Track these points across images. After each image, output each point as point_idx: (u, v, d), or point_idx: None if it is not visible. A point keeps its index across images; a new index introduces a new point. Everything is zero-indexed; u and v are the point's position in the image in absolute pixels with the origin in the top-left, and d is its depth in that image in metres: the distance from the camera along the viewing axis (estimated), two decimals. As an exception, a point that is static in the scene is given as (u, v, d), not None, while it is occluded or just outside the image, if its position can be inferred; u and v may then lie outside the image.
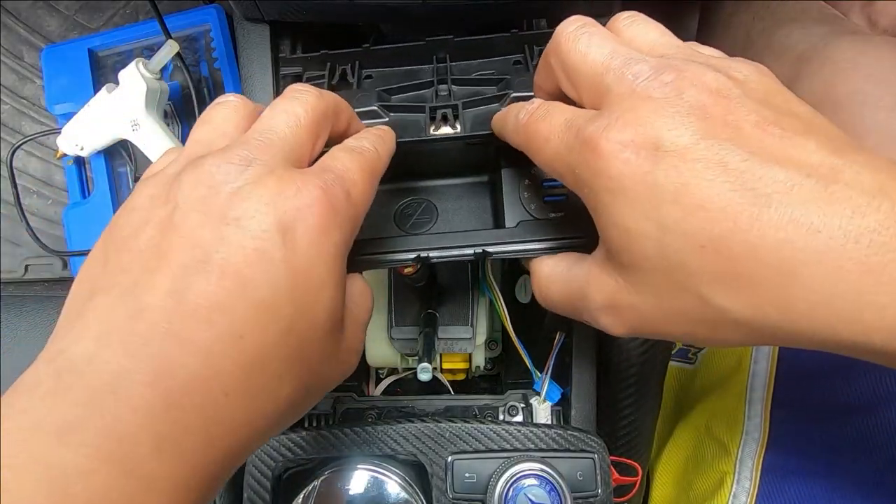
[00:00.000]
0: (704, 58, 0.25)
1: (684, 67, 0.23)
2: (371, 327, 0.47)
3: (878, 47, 0.46)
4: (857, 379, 0.39)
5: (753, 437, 0.41)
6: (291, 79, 0.40)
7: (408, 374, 0.50)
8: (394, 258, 0.32)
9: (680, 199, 0.21)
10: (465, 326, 0.45)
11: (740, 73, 0.23)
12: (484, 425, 0.37)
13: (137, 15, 0.71)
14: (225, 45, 0.59)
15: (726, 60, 0.25)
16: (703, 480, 0.43)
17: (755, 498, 0.40)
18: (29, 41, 0.72)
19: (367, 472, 0.36)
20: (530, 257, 0.32)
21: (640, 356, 0.41)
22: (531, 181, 0.34)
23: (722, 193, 0.21)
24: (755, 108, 0.22)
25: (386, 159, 0.30)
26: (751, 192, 0.20)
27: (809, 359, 0.40)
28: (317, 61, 0.40)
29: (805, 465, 0.39)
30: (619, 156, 0.22)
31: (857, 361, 0.29)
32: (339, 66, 0.40)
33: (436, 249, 0.32)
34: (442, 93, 0.37)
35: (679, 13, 0.99)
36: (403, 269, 0.34)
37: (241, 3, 0.39)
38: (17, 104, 0.73)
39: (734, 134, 0.21)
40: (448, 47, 0.39)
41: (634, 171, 0.22)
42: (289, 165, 0.25)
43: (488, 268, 0.46)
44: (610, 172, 0.23)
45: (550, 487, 0.34)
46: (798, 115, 0.23)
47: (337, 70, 0.40)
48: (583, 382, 0.42)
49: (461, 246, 0.32)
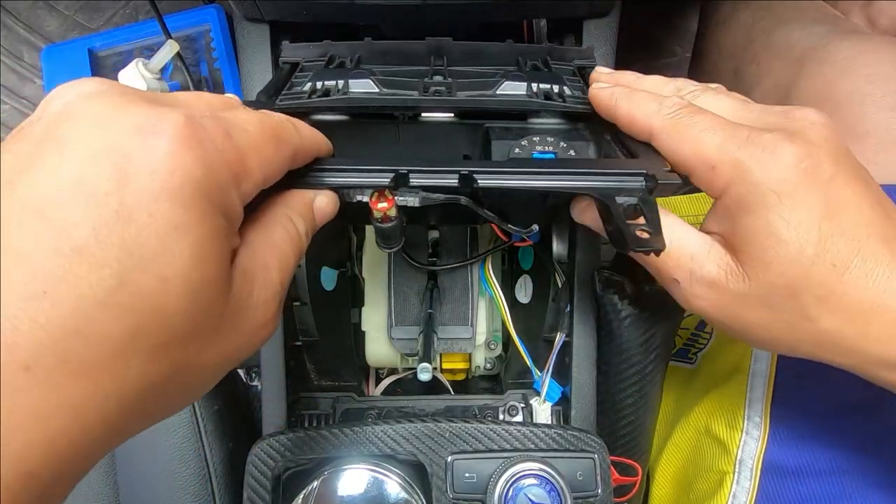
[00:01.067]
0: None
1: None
2: (371, 327, 0.47)
3: (877, 47, 0.46)
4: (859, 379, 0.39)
5: (753, 436, 0.41)
6: (290, 66, 0.39)
7: (408, 374, 0.50)
8: (364, 179, 0.27)
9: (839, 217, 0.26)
10: (465, 326, 0.45)
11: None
12: (484, 425, 0.37)
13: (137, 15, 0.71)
14: (225, 45, 0.59)
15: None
16: (703, 480, 0.43)
17: (755, 498, 0.40)
18: (29, 41, 0.72)
19: (367, 472, 0.36)
20: (521, 189, 0.28)
21: (640, 356, 0.41)
22: (521, 151, 0.33)
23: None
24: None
25: (308, 139, 0.26)
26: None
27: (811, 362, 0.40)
28: (317, 50, 0.40)
29: (805, 465, 0.39)
30: (799, 164, 0.26)
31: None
32: (339, 58, 0.39)
33: (417, 172, 0.27)
34: (437, 78, 0.37)
35: (679, 13, 0.99)
36: (377, 204, 0.28)
37: (241, 3, 0.39)
38: (17, 104, 0.73)
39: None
40: (445, 50, 0.39)
41: (811, 181, 0.26)
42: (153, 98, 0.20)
43: (488, 265, 0.46)
44: (785, 175, 0.26)
45: (550, 487, 0.34)
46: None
47: (336, 60, 0.39)
48: (583, 382, 0.42)
49: (445, 171, 0.27)
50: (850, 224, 0.26)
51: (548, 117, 0.34)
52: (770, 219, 0.26)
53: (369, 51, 0.39)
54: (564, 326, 0.42)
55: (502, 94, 0.34)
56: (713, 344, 0.46)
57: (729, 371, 0.43)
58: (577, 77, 0.38)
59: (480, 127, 0.34)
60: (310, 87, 0.35)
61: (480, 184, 0.27)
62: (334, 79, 0.35)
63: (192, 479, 0.44)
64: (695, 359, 0.47)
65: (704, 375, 0.45)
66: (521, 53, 0.39)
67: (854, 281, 0.26)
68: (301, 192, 0.27)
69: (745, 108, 0.30)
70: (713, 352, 0.45)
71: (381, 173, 0.27)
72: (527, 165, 0.29)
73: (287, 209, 0.26)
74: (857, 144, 0.43)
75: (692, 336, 0.47)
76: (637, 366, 0.41)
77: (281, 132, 0.24)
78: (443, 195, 0.28)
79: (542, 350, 0.44)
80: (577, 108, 0.34)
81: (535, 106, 0.34)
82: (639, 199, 0.27)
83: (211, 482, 0.45)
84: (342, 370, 0.47)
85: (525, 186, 0.28)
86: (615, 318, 0.40)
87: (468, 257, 0.46)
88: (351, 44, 0.39)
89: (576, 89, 0.35)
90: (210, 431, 0.45)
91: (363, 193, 0.28)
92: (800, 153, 0.26)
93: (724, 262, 0.28)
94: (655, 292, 0.41)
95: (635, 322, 0.40)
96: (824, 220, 0.26)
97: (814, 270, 0.26)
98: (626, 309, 0.40)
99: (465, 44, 0.39)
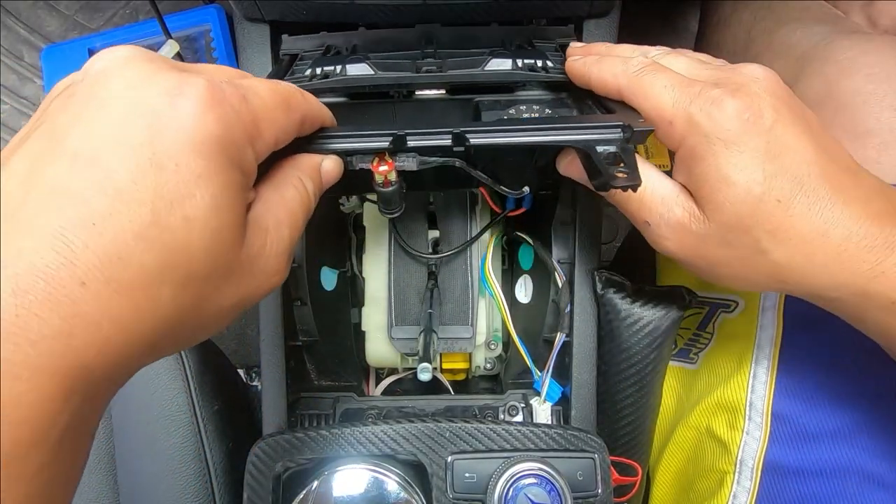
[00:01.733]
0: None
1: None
2: (371, 327, 0.47)
3: (879, 47, 0.46)
4: (859, 378, 0.39)
5: (754, 436, 0.40)
6: (289, 58, 0.41)
7: (408, 374, 0.50)
8: (365, 143, 0.30)
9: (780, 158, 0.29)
10: (465, 326, 0.45)
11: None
12: (484, 425, 0.37)
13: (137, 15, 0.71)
14: (225, 45, 0.59)
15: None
16: (704, 480, 0.43)
17: (755, 498, 0.40)
18: (29, 41, 0.72)
19: (367, 472, 0.36)
20: (509, 145, 0.30)
21: (640, 356, 0.41)
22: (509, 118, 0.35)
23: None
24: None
25: (315, 107, 0.29)
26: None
27: (812, 362, 0.40)
28: (314, 41, 0.42)
29: (806, 466, 0.39)
30: (742, 115, 0.29)
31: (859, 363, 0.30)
32: (335, 48, 0.41)
33: (414, 135, 0.30)
34: (428, 60, 0.38)
35: (679, 13, 0.99)
36: (378, 167, 0.30)
37: (241, 3, 0.40)
38: (17, 104, 0.73)
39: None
40: (435, 35, 0.41)
41: (753, 129, 0.29)
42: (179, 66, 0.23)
43: (488, 263, 0.46)
44: (729, 125, 0.29)
45: (550, 487, 0.34)
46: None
47: (332, 49, 0.41)
48: (583, 382, 0.42)
49: (439, 132, 0.30)
50: (791, 164, 0.29)
51: (533, 89, 0.37)
52: (719, 164, 0.29)
53: (364, 39, 0.41)
54: (564, 326, 0.42)
55: (490, 69, 0.37)
56: (714, 344, 0.46)
57: (730, 371, 0.43)
58: (559, 53, 0.40)
59: (471, 101, 0.36)
60: (310, 72, 0.36)
61: (472, 142, 0.30)
62: (332, 64, 0.37)
63: (192, 479, 0.44)
64: (696, 359, 0.47)
65: (705, 375, 0.45)
66: (507, 35, 0.41)
67: (799, 214, 0.29)
68: (310, 156, 0.29)
69: (701, 66, 0.33)
70: (714, 352, 0.45)
71: (381, 137, 0.30)
72: (514, 124, 0.31)
73: (298, 171, 0.28)
74: (860, 143, 0.43)
75: (693, 336, 0.47)
76: (637, 366, 0.41)
77: (291, 99, 0.26)
78: (439, 159, 0.31)
79: (542, 350, 0.44)
80: (559, 77, 0.36)
81: (520, 77, 0.36)
82: (617, 147, 0.30)
83: (211, 482, 0.45)
84: (342, 370, 0.47)
85: (513, 142, 0.30)
86: (615, 318, 0.40)
87: (468, 239, 0.46)
88: (346, 34, 0.41)
89: (558, 63, 0.37)
90: (210, 431, 0.45)
91: (364, 162, 0.30)
92: (741, 105, 0.29)
93: (688, 206, 0.31)
94: (655, 292, 0.41)
95: (635, 322, 0.40)
96: (767, 161, 0.29)
97: (762, 207, 0.29)
98: (626, 309, 0.40)
99: (453, 29, 0.41)
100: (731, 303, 0.44)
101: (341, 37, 0.41)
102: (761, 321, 0.41)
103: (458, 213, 0.46)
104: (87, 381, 0.20)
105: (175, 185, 0.21)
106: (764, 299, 0.42)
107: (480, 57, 0.37)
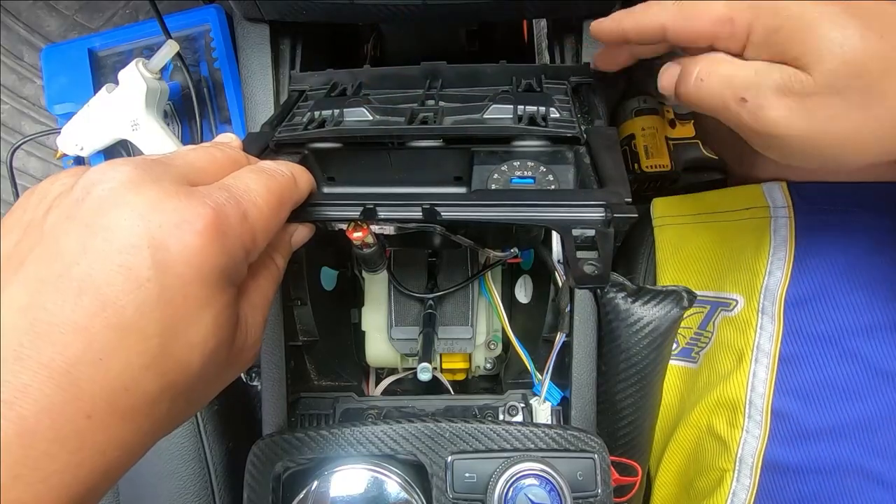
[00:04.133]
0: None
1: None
2: (371, 327, 0.47)
3: None
4: (858, 375, 0.39)
5: (754, 434, 0.41)
6: (297, 94, 0.41)
7: (408, 374, 0.50)
8: (337, 213, 0.30)
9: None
10: (465, 326, 0.46)
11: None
12: (484, 425, 0.37)
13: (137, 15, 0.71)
14: (225, 45, 0.59)
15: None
16: (704, 478, 0.43)
17: (754, 495, 0.40)
18: (29, 41, 0.72)
19: (367, 472, 0.36)
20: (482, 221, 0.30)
21: (640, 356, 0.41)
22: (500, 176, 0.34)
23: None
24: None
25: (304, 190, 0.29)
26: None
27: (811, 360, 0.40)
28: (321, 78, 0.42)
29: (805, 464, 0.39)
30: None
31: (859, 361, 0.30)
32: (341, 85, 0.41)
33: (384, 206, 0.30)
34: (429, 102, 0.38)
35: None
36: (352, 233, 0.31)
37: (241, 3, 0.40)
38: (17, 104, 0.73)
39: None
40: (441, 73, 0.40)
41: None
42: (181, 182, 0.23)
43: (487, 274, 0.46)
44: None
45: (550, 487, 0.34)
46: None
47: (338, 87, 0.41)
48: (583, 382, 0.42)
49: (409, 204, 0.30)
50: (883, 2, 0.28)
51: (532, 140, 0.35)
52: (806, 17, 0.28)
53: (369, 76, 0.41)
54: (564, 326, 0.42)
55: (489, 117, 0.36)
56: (714, 343, 0.46)
57: (730, 370, 0.43)
58: (567, 98, 0.38)
59: (467, 150, 0.35)
60: (308, 117, 0.36)
61: (444, 215, 0.29)
62: (332, 108, 0.37)
63: (192, 479, 0.44)
64: (697, 358, 0.47)
65: (706, 374, 0.45)
66: (515, 73, 0.40)
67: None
68: (281, 231, 0.29)
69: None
70: (715, 352, 0.45)
71: (352, 207, 0.30)
72: (488, 198, 0.30)
73: (270, 250, 0.29)
74: None
75: (695, 335, 0.47)
76: (637, 366, 0.41)
77: (285, 195, 0.27)
78: (416, 224, 0.30)
79: (542, 350, 0.44)
80: (559, 132, 0.34)
81: (515, 132, 0.34)
82: (596, 232, 0.28)
83: (211, 482, 0.45)
84: (342, 370, 0.47)
85: (485, 218, 0.29)
86: (615, 318, 0.40)
87: (469, 276, 0.46)
88: (352, 71, 0.41)
89: (564, 111, 0.36)
90: (210, 431, 0.46)
91: (341, 224, 0.31)
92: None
93: (784, 69, 0.29)
94: (655, 292, 0.41)
95: (635, 322, 0.40)
96: (854, 5, 0.28)
97: (866, 46, 0.27)
98: (626, 309, 0.40)
99: (459, 66, 0.40)
100: (731, 301, 0.44)
101: (347, 74, 0.41)
102: (761, 320, 0.41)
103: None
104: (91, 497, 0.21)
105: (182, 316, 0.21)
106: (763, 298, 0.42)
107: (481, 103, 0.36)
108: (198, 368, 0.22)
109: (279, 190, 0.26)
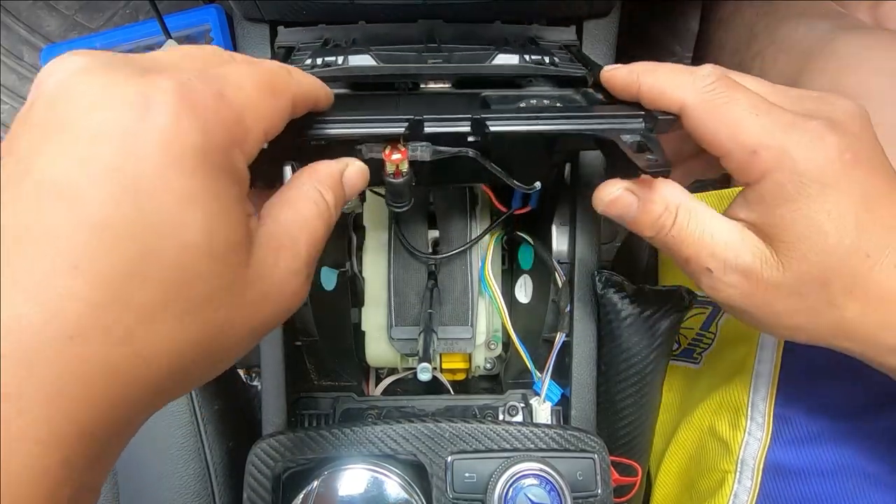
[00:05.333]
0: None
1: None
2: (371, 327, 0.47)
3: (884, 42, 0.45)
4: (863, 381, 0.38)
5: (756, 436, 0.40)
6: (284, 50, 0.39)
7: (408, 374, 0.50)
8: (379, 129, 0.27)
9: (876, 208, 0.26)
10: (465, 326, 0.45)
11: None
12: (484, 425, 0.37)
13: (137, 15, 0.71)
14: (225, 45, 0.59)
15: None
16: (705, 479, 0.43)
17: (756, 497, 0.40)
18: (29, 41, 0.72)
19: (367, 472, 0.36)
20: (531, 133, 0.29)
21: (640, 356, 0.41)
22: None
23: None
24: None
25: (308, 89, 0.26)
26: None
27: (814, 360, 0.40)
28: (312, 34, 0.40)
29: (807, 466, 0.39)
30: (843, 156, 0.26)
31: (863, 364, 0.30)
32: (333, 41, 0.39)
33: (431, 120, 0.28)
34: (433, 55, 0.37)
35: (679, 13, 0.99)
36: (390, 156, 0.28)
37: (241, 3, 0.39)
38: (17, 104, 0.73)
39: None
40: (437, 32, 0.40)
41: (852, 172, 0.26)
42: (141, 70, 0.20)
43: (487, 265, 0.46)
44: (829, 166, 0.26)
45: (550, 487, 0.34)
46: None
47: (331, 42, 0.39)
48: (583, 382, 0.42)
49: (458, 118, 0.28)
50: (886, 215, 0.26)
51: (541, 85, 0.35)
52: (812, 209, 0.26)
53: (364, 34, 0.40)
54: (564, 326, 0.42)
55: (497, 63, 0.35)
56: (717, 344, 0.45)
57: (732, 371, 0.43)
58: (565, 50, 0.39)
59: (478, 96, 0.34)
60: (310, 62, 0.35)
61: (492, 129, 0.28)
62: (333, 55, 0.35)
63: (192, 479, 0.44)
64: (699, 359, 0.47)
65: (708, 375, 0.45)
66: (510, 32, 0.40)
67: (883, 270, 0.26)
68: (329, 164, 0.27)
69: (782, 90, 0.29)
70: (717, 352, 0.45)
71: (396, 123, 0.27)
72: (535, 111, 0.30)
73: (315, 182, 0.26)
74: None
75: (697, 336, 0.47)
76: (637, 366, 0.41)
77: (276, 82, 0.23)
78: (453, 149, 0.29)
79: (542, 350, 0.44)
80: (570, 71, 0.35)
81: (531, 72, 0.34)
82: (641, 136, 0.28)
83: (211, 482, 0.45)
84: (342, 370, 0.47)
85: (535, 130, 0.28)
86: (615, 318, 0.40)
87: (469, 239, 0.45)
88: (346, 27, 0.40)
89: (565, 60, 0.36)
90: (210, 431, 0.45)
91: (375, 151, 0.28)
92: (843, 144, 0.26)
93: (759, 249, 0.28)
94: (655, 292, 0.41)
95: (635, 322, 0.40)
96: (862, 211, 0.26)
97: (848, 261, 0.26)
98: (626, 309, 0.40)
99: (456, 25, 0.40)
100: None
101: (341, 30, 0.40)
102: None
103: (458, 212, 0.46)
104: (89, 446, 0.18)
105: (160, 210, 0.18)
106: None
107: (486, 52, 0.36)
108: (200, 279, 0.19)
109: (267, 74, 0.23)
